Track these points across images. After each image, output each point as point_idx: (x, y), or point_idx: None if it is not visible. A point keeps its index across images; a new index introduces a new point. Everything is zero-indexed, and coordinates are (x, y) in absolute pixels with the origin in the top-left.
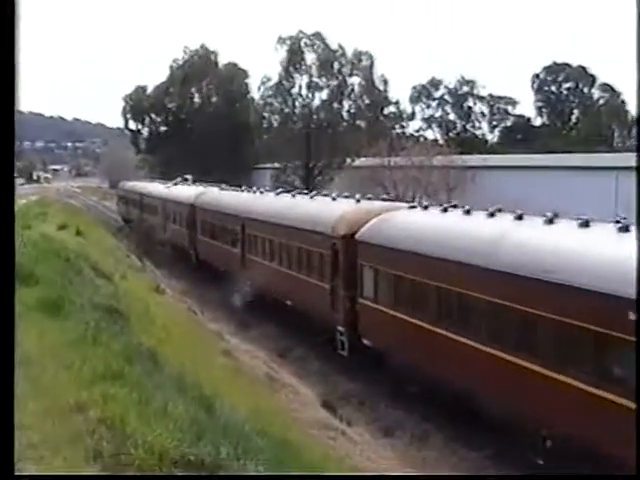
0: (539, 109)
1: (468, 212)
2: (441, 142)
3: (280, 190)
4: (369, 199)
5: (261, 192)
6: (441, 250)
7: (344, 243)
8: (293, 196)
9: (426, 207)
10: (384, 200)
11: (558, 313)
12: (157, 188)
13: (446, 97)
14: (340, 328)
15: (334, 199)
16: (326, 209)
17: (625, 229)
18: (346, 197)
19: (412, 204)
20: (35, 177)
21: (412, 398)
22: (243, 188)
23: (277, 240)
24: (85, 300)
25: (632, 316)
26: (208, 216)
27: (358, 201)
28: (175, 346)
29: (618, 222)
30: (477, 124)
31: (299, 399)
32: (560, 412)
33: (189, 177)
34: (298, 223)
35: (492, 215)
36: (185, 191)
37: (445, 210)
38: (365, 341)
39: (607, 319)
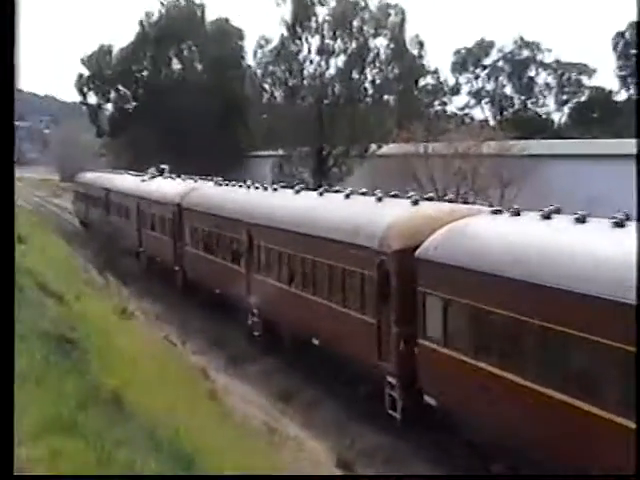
0: (623, 79)
1: (581, 220)
2: (493, 123)
3: (301, 186)
4: (428, 199)
5: (274, 189)
6: (552, 276)
7: (398, 261)
8: (320, 194)
9: (517, 212)
10: (450, 202)
11: None
12: (129, 182)
13: (500, 64)
14: (390, 379)
15: (380, 199)
16: (370, 213)
17: None
18: (395, 196)
19: (496, 208)
20: None
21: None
22: (248, 183)
23: (298, 255)
24: (27, 327)
25: None
26: (200, 221)
27: (415, 202)
28: (146, 388)
29: None
30: (541, 99)
31: (306, 456)
32: None
33: (165, 167)
34: (329, 232)
35: (620, 225)
36: (168, 187)
37: (547, 217)
38: (428, 398)
39: None
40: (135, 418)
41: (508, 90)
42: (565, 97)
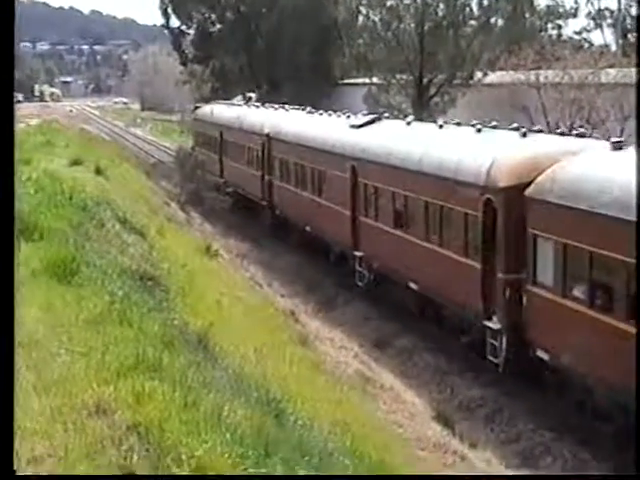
0: None
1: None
2: (614, 49)
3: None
4: None
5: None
6: None
7: None
8: None
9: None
10: None
11: None
12: (317, 126)
13: None
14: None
15: None
16: None
17: None
18: None
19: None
20: (37, 92)
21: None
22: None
23: None
24: (109, 262)
25: None
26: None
27: None
28: (233, 330)
29: None
30: None
31: (402, 408)
32: None
33: (253, 95)
34: None
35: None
36: (441, 146)
37: None
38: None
39: None
40: (221, 361)
41: (634, 11)
42: None
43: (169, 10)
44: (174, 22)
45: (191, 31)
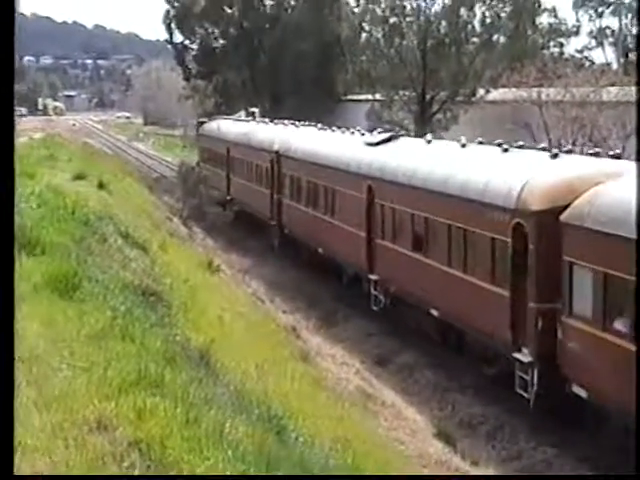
0: None
1: None
2: (615, 67)
3: None
4: None
5: None
6: None
7: None
8: None
9: None
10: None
11: None
12: (332, 144)
13: (627, 0)
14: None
15: None
16: None
17: None
18: None
19: None
20: (41, 106)
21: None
22: None
23: None
24: (111, 277)
25: None
26: None
27: None
28: (234, 346)
29: None
30: None
31: (404, 425)
32: None
33: (255, 110)
34: None
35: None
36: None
37: None
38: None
39: None
40: (222, 377)
41: (635, 30)
42: None
43: (173, 25)
44: (177, 37)
45: (194, 46)
